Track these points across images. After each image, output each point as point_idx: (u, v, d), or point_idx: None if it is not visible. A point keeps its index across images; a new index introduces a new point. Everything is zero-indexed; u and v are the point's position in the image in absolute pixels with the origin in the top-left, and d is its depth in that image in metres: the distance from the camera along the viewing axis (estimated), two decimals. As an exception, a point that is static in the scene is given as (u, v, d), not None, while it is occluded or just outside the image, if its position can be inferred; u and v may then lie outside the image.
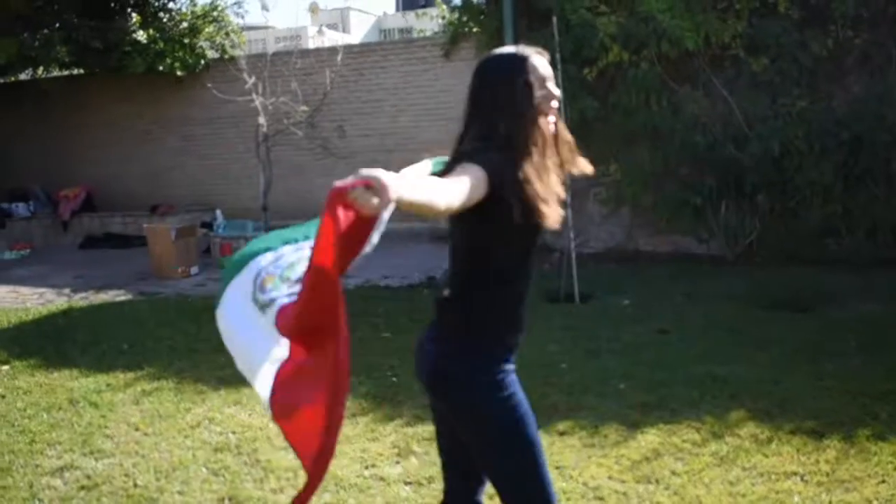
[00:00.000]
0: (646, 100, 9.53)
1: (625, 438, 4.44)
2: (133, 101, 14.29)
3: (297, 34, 36.29)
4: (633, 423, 4.64)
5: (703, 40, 9.12)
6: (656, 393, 5.10)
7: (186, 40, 13.20)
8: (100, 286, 9.79)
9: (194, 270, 10.38)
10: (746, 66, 9.25)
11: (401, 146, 12.04)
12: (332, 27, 44.50)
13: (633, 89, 9.50)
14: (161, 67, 12.99)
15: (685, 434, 4.45)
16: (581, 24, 9.41)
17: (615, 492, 3.84)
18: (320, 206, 1.94)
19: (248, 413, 5.13)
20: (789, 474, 3.92)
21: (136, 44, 12.73)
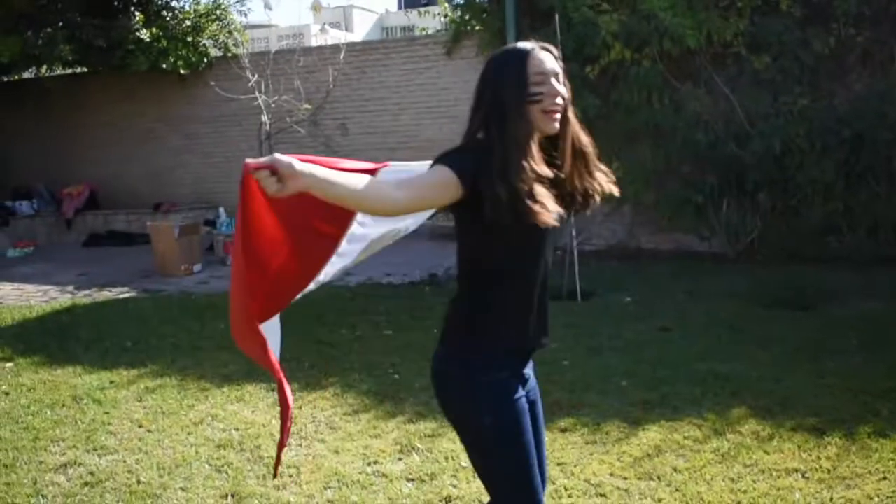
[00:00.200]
0: (648, 98, 9.53)
1: (626, 435, 4.45)
2: (136, 99, 14.31)
3: (299, 32, 36.28)
4: (634, 421, 4.65)
5: (704, 38, 9.12)
6: (658, 390, 5.11)
7: (190, 38, 13.21)
8: (103, 284, 9.81)
9: (197, 268, 10.40)
10: (748, 64, 9.26)
11: (403, 144, 12.06)
12: (335, 25, 44.44)
13: (635, 87, 9.50)
14: (164, 66, 13.02)
15: (687, 431, 4.46)
16: (583, 22, 9.42)
17: (617, 489, 3.85)
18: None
19: (251, 410, 5.15)
20: (790, 471, 3.93)
21: (139, 42, 12.75)
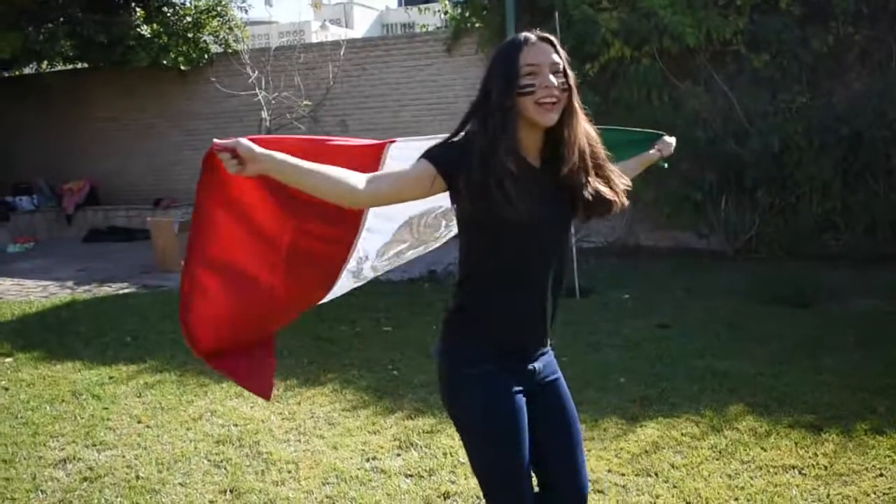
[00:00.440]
0: (647, 95, 9.54)
1: (624, 432, 4.46)
2: (137, 95, 14.31)
3: (300, 29, 36.28)
4: (632, 417, 4.66)
5: (704, 36, 9.12)
6: (656, 387, 5.12)
7: (190, 35, 13.22)
8: (103, 279, 9.82)
9: (197, 264, 10.39)
10: (747, 63, 9.26)
11: (403, 141, 12.05)
12: (336, 22, 44.46)
13: (635, 85, 9.51)
14: (165, 62, 13.02)
15: (684, 427, 4.48)
16: (583, 20, 9.42)
17: (615, 485, 3.86)
18: None
19: (249, 406, 5.16)
20: (788, 468, 3.95)
21: (139, 38, 12.76)
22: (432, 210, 3.02)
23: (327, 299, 3.09)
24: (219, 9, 13.71)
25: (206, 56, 13.56)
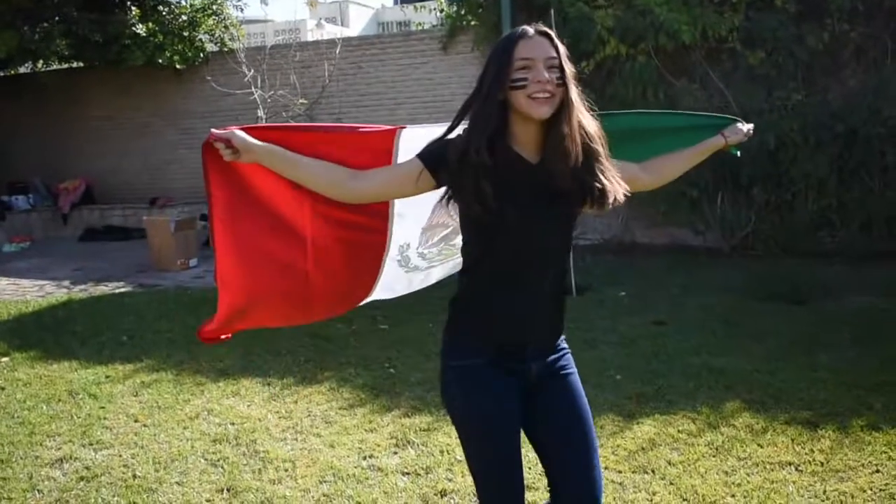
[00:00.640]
0: (643, 93, 9.53)
1: (621, 429, 4.47)
2: (132, 94, 14.29)
3: (295, 27, 36.17)
4: (629, 414, 4.67)
5: (699, 34, 9.12)
6: (652, 384, 5.13)
7: (186, 33, 13.20)
8: (99, 278, 9.81)
9: (193, 262, 10.40)
10: (743, 60, 9.26)
11: (399, 139, 12.04)
12: (331, 20, 44.46)
13: (631, 82, 9.50)
14: (160, 60, 13.01)
15: (681, 424, 4.48)
16: (578, 18, 9.42)
17: (611, 482, 3.87)
18: None
19: (246, 404, 5.16)
20: (784, 464, 3.95)
21: (135, 37, 12.74)
22: None
23: (385, 296, 3.04)
24: (214, 7, 13.69)
25: (201, 55, 13.54)
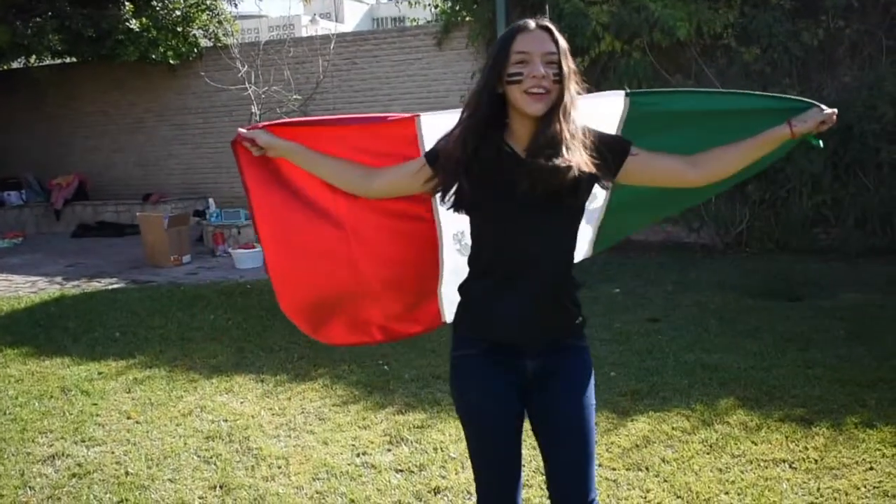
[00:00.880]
0: (638, 89, 9.53)
1: (615, 426, 4.46)
2: (126, 89, 14.26)
3: (290, 23, 36.17)
4: (623, 411, 4.66)
5: (695, 30, 9.12)
6: (647, 381, 5.12)
7: (179, 29, 13.16)
8: (92, 274, 9.79)
9: (186, 259, 10.38)
10: (738, 56, 9.26)
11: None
12: (325, 16, 44.38)
13: (626, 78, 9.48)
14: (154, 56, 12.97)
15: (675, 422, 4.47)
16: (573, 13, 9.40)
17: (605, 479, 3.86)
18: None
19: (239, 401, 5.14)
20: (778, 461, 3.95)
21: (128, 32, 12.69)
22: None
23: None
24: (208, 2, 13.66)
25: (195, 50, 13.51)
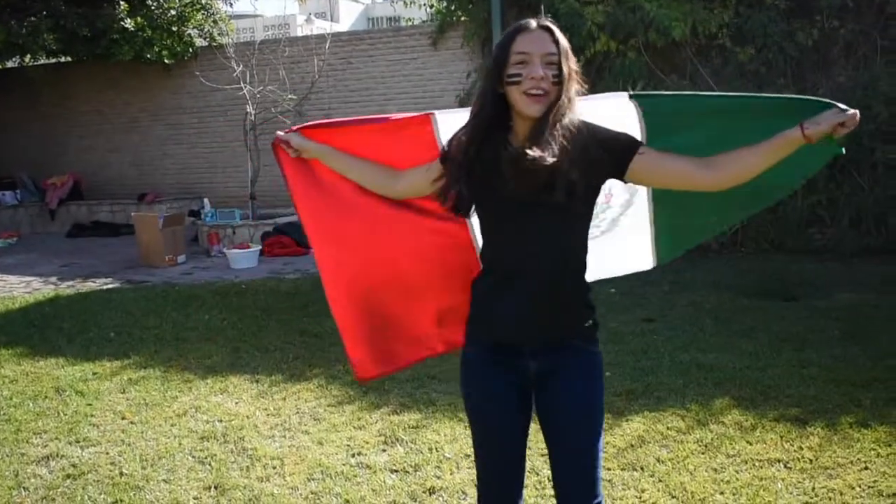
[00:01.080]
0: (633, 89, 9.53)
1: (610, 426, 4.45)
2: (121, 89, 14.24)
3: (285, 22, 36.20)
4: (618, 411, 4.66)
5: (690, 30, 9.14)
6: (642, 381, 5.12)
7: (174, 28, 13.15)
8: (87, 274, 9.77)
9: (181, 259, 10.36)
10: (733, 56, 9.27)
11: (389, 135, 12.02)
12: (321, 16, 44.39)
13: (621, 79, 9.49)
14: (149, 55, 12.96)
15: (670, 421, 4.47)
16: (569, 13, 9.41)
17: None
18: None
19: (234, 401, 5.13)
20: (773, 461, 3.95)
21: (123, 31, 12.67)
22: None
23: None
24: (203, 2, 13.64)
25: (190, 50, 13.51)
